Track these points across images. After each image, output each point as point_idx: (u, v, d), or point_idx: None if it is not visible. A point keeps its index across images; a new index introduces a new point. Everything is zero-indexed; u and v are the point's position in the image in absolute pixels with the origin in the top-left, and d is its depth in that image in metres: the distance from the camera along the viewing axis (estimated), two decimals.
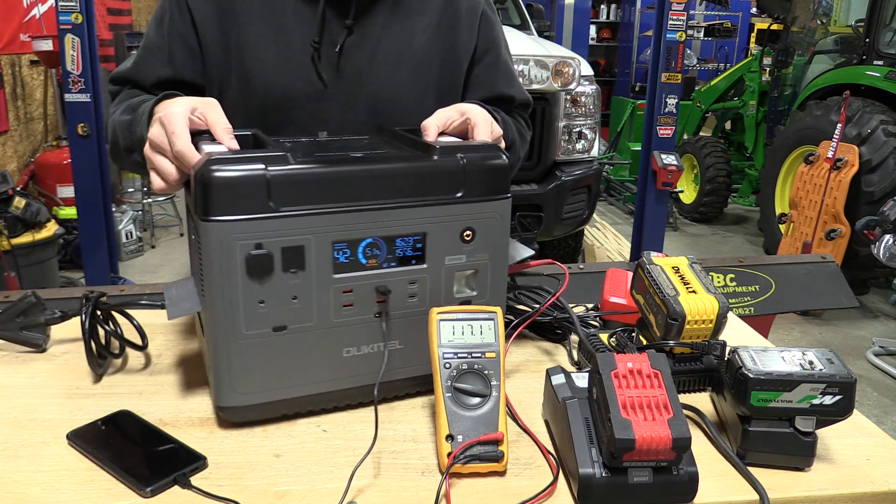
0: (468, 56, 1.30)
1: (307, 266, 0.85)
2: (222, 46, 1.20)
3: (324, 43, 1.20)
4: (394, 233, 0.88)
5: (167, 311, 0.87)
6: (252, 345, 0.85)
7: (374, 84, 1.23)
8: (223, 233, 0.80)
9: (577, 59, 3.72)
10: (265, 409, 0.90)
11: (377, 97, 1.23)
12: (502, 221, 0.94)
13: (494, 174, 0.92)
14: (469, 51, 1.30)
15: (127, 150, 1.10)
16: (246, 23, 1.19)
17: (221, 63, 1.21)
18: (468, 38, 1.29)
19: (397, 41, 1.23)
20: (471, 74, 1.31)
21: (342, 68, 1.21)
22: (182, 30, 1.20)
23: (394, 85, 1.23)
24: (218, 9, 1.19)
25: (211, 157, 0.81)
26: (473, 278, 0.94)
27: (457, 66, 1.29)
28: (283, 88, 1.20)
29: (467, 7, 1.29)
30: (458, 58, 1.29)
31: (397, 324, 0.92)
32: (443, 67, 1.27)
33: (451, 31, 1.28)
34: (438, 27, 1.26)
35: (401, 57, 1.23)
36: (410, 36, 1.24)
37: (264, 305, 0.85)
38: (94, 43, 3.40)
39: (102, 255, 3.55)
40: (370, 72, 1.22)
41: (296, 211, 0.83)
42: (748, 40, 10.16)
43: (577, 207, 3.89)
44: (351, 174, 0.86)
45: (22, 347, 1.11)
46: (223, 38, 1.20)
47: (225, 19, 1.19)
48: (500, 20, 3.91)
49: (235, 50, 1.19)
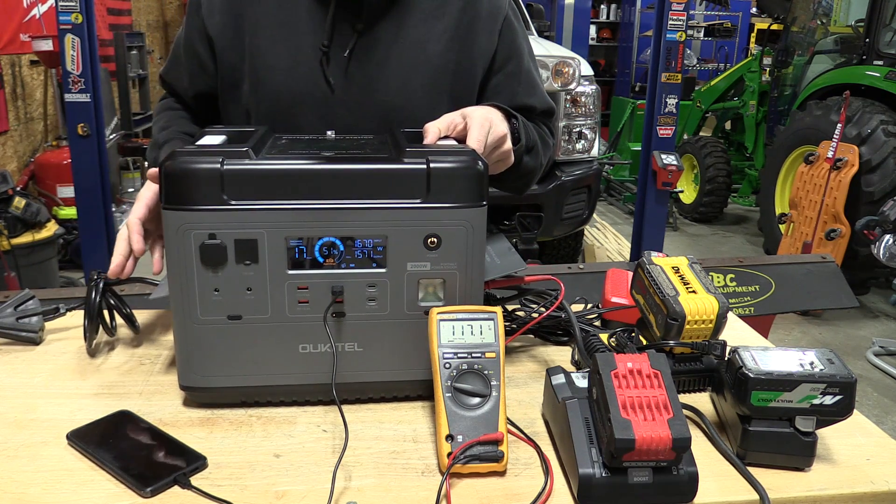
0: (485, 62, 1.26)
1: (260, 259, 0.87)
2: (237, 52, 1.21)
3: (333, 47, 1.19)
4: (352, 233, 0.88)
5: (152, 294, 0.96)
6: (208, 330, 0.90)
7: (385, 90, 1.21)
8: (179, 221, 0.85)
9: (577, 59, 3.72)
10: (224, 393, 0.93)
11: (388, 104, 1.21)
12: (474, 231, 0.89)
13: (464, 181, 0.88)
14: (487, 57, 1.26)
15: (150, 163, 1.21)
16: (259, 28, 1.20)
17: (236, 67, 1.22)
18: (487, 43, 1.25)
19: (411, 47, 1.21)
20: (490, 82, 1.28)
21: (351, 73, 1.20)
22: (198, 47, 1.24)
23: (406, 92, 1.21)
24: (233, 15, 1.21)
25: (175, 150, 0.87)
26: (441, 287, 0.92)
27: (472, 72, 1.25)
28: (292, 92, 1.20)
29: (488, 11, 1.25)
30: (474, 63, 1.25)
31: (356, 326, 0.92)
32: (458, 74, 1.24)
33: (469, 37, 1.24)
34: (456, 32, 1.23)
35: (414, 63, 1.21)
36: (425, 42, 1.22)
37: (219, 294, 0.88)
38: (94, 43, 3.39)
39: (102, 256, 3.54)
40: (381, 78, 1.21)
41: (249, 205, 0.85)
42: (748, 40, 10.15)
43: (577, 207, 3.89)
44: (307, 172, 0.87)
45: (21, 346, 1.11)
46: (238, 43, 1.21)
47: (239, 26, 1.20)
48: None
49: (249, 54, 1.20)
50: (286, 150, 0.95)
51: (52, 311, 1.15)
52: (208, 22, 1.21)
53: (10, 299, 1.15)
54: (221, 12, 1.21)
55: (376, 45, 1.21)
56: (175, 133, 1.23)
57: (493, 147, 1.05)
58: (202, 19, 1.22)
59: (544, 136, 1.32)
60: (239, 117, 1.24)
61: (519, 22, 1.32)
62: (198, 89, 1.28)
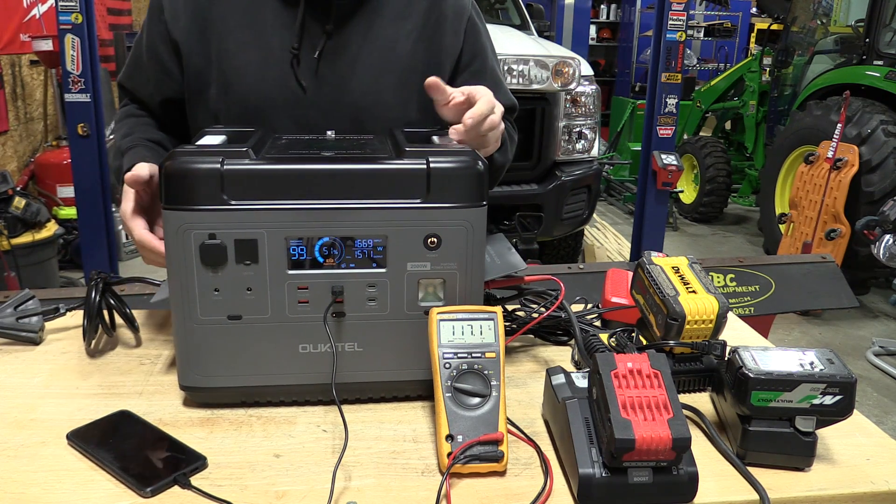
0: (452, 61, 1.28)
1: (260, 259, 0.87)
2: (203, 56, 1.20)
3: (303, 49, 1.19)
4: (352, 233, 0.88)
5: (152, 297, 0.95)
6: (208, 330, 0.90)
7: (357, 91, 1.22)
8: (179, 221, 0.85)
9: (577, 59, 3.72)
10: (224, 393, 0.93)
11: (359, 104, 1.22)
12: (474, 231, 0.90)
13: (464, 181, 0.88)
14: (453, 55, 1.28)
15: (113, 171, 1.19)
16: (226, 31, 1.19)
17: (202, 72, 1.20)
18: (453, 42, 1.28)
19: (380, 47, 1.22)
20: (455, 81, 1.28)
21: (322, 74, 1.20)
22: (162, 52, 1.22)
23: (377, 92, 1.22)
24: (197, 19, 1.19)
25: (176, 150, 0.87)
26: (441, 287, 0.92)
27: (440, 71, 1.26)
28: (262, 95, 1.19)
29: (454, 11, 1.28)
30: (441, 62, 1.27)
31: (356, 326, 0.92)
32: (426, 74, 1.22)
33: (436, 36, 1.26)
34: (422, 32, 1.25)
35: (384, 63, 1.22)
36: (394, 42, 1.23)
37: (219, 294, 0.88)
38: (94, 43, 3.39)
39: (102, 256, 3.54)
40: (352, 78, 1.21)
41: (249, 205, 0.85)
42: (748, 40, 10.15)
43: (577, 207, 3.89)
44: (307, 172, 0.87)
45: (21, 346, 1.11)
46: (204, 48, 1.20)
47: (205, 29, 1.19)
48: (501, 20, 3.89)
49: (216, 59, 1.19)
50: (286, 150, 0.95)
51: (52, 311, 1.15)
52: (172, 26, 1.19)
53: (10, 299, 1.15)
54: (186, 16, 1.19)
55: (346, 46, 1.21)
56: (139, 140, 1.19)
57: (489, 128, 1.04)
58: (165, 24, 1.20)
59: (510, 131, 1.34)
60: (207, 122, 1.22)
61: (482, 21, 1.34)
62: (164, 95, 1.25)
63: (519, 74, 3.53)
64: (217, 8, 1.19)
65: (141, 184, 1.00)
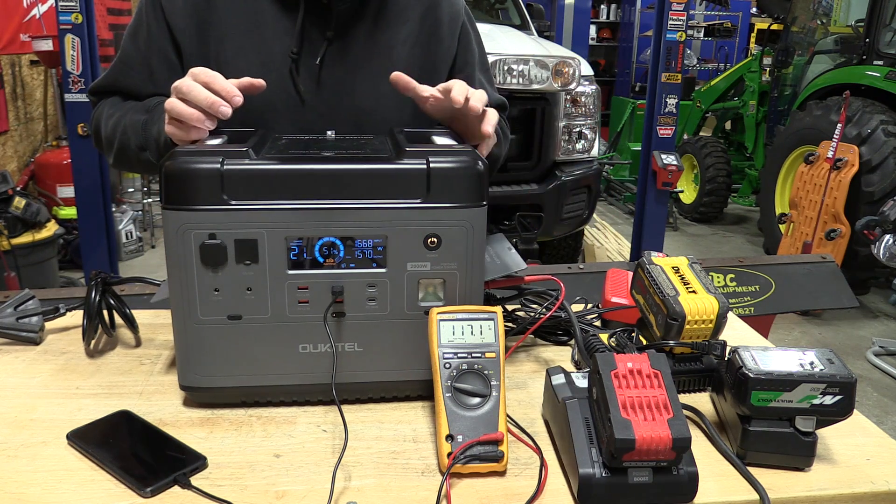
0: (447, 65, 1.30)
1: (260, 259, 0.87)
2: (202, 59, 1.19)
3: (303, 55, 1.19)
4: (352, 233, 0.88)
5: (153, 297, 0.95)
6: (208, 330, 0.90)
7: (357, 95, 1.23)
8: (179, 221, 0.85)
9: (577, 59, 3.72)
10: (224, 393, 0.93)
11: (359, 109, 1.23)
12: (475, 231, 0.89)
13: (464, 181, 0.88)
14: (448, 60, 1.30)
15: (139, 148, 1.12)
16: (225, 35, 1.19)
17: None
18: (449, 47, 1.30)
19: (380, 52, 1.23)
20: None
21: (323, 80, 1.21)
22: (161, 44, 1.20)
23: (377, 96, 1.23)
24: (197, 21, 1.19)
25: (176, 150, 0.87)
26: (441, 287, 0.92)
27: (436, 75, 1.28)
28: (262, 100, 1.18)
29: (449, 17, 1.29)
30: (437, 66, 1.28)
31: (356, 326, 0.92)
32: (422, 78, 1.22)
33: (432, 41, 1.28)
34: (419, 37, 1.27)
35: (384, 67, 1.21)
36: (391, 47, 1.24)
37: (219, 294, 0.88)
38: (94, 43, 3.39)
39: (102, 255, 3.54)
40: (353, 83, 1.22)
41: (249, 205, 0.85)
42: (748, 40, 10.15)
43: (577, 207, 3.89)
44: (307, 172, 0.87)
45: (21, 346, 1.11)
46: (202, 50, 1.19)
47: (204, 32, 1.19)
48: (501, 20, 3.90)
49: (215, 63, 1.18)
50: (286, 150, 0.95)
51: (52, 311, 1.15)
52: (174, 26, 1.19)
53: (10, 299, 1.15)
54: (185, 20, 1.19)
55: (347, 52, 1.22)
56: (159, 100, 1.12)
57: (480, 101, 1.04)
58: (167, 23, 1.19)
59: (503, 126, 1.35)
60: None
61: (473, 25, 1.37)
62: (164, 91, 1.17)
63: (519, 74, 3.53)
64: (215, 12, 1.19)
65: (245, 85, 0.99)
